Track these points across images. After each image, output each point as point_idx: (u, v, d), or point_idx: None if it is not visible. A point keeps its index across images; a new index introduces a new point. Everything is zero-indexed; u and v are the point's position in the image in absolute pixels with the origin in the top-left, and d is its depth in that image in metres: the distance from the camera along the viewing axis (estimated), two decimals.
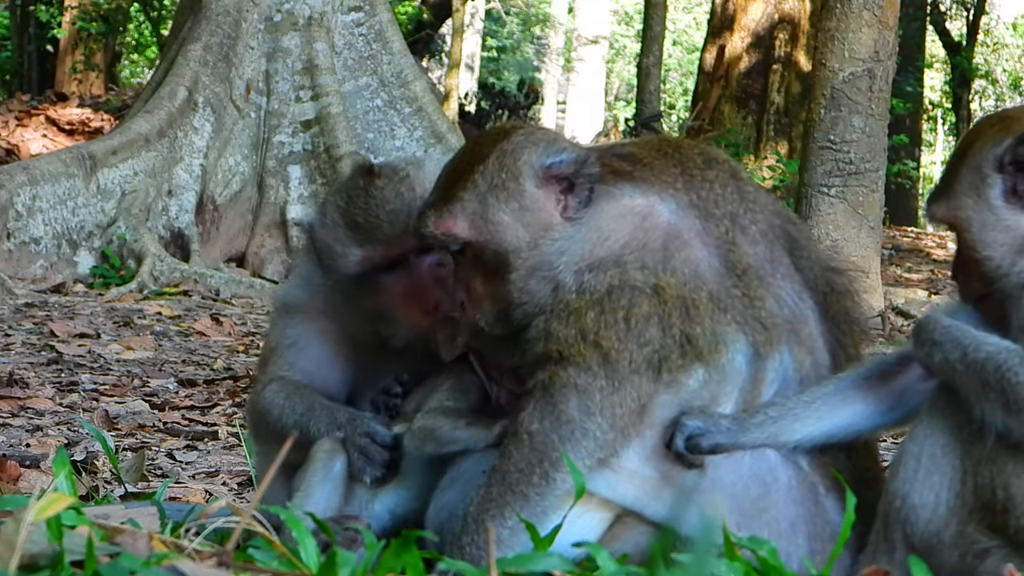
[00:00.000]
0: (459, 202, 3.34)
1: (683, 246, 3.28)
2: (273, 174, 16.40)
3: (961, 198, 3.13)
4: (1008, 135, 3.10)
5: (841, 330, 3.45)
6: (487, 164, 3.35)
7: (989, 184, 3.10)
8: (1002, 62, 38.42)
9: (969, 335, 3.08)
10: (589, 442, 3.20)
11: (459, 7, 25.62)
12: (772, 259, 3.38)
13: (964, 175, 3.13)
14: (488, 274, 3.37)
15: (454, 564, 3.00)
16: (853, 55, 11.81)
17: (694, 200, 3.37)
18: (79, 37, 28.41)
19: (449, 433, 3.42)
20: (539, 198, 3.34)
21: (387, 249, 3.62)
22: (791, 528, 3.25)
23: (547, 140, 3.40)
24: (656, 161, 3.43)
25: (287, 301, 3.87)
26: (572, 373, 3.20)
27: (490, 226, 3.33)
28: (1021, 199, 3.08)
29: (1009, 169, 3.08)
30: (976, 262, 3.13)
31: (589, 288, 3.23)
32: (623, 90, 49.33)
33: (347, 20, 17.02)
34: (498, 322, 3.37)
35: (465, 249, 3.38)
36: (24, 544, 2.44)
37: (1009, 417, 2.99)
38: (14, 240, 14.66)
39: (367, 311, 3.68)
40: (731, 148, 22.62)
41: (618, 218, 3.30)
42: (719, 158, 3.51)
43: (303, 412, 3.64)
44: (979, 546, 3.06)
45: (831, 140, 11.94)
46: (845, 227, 11.92)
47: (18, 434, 6.30)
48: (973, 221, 3.11)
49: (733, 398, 3.28)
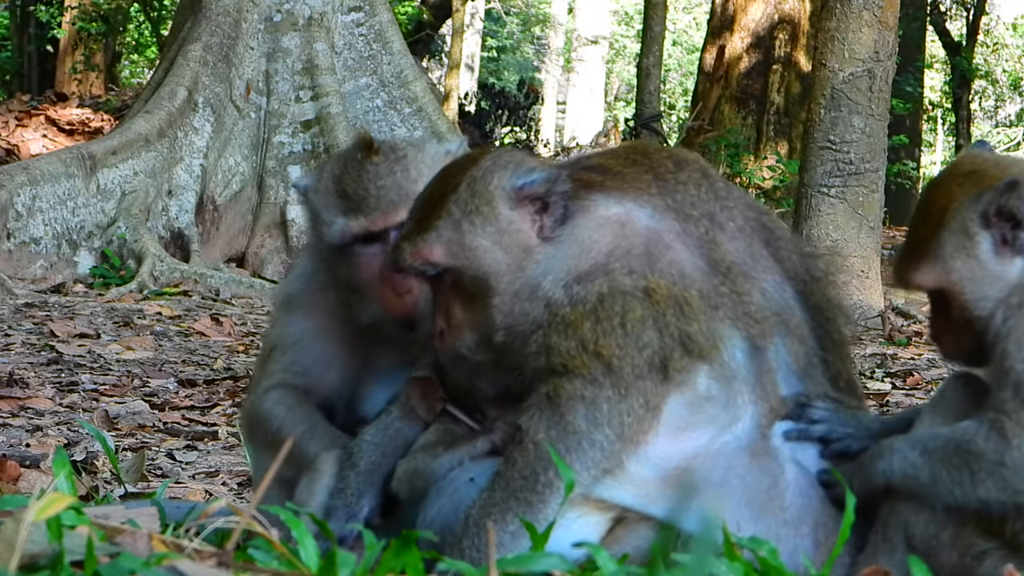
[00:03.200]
0: (435, 230, 3.35)
1: (666, 249, 3.30)
2: (273, 174, 16.40)
3: (949, 262, 3.11)
4: (982, 188, 3.09)
5: (825, 316, 3.46)
6: (459, 192, 3.36)
7: (977, 242, 3.09)
8: (1002, 62, 38.43)
9: (920, 433, 3.14)
10: (595, 452, 3.21)
11: (459, 7, 25.63)
12: (752, 253, 3.40)
13: (947, 238, 3.11)
14: (468, 300, 3.37)
15: (454, 564, 3.00)
16: (853, 55, 11.82)
17: (670, 203, 3.38)
18: (79, 37, 28.41)
19: (433, 465, 3.42)
20: (514, 220, 3.35)
21: (370, 223, 3.62)
22: (798, 518, 3.27)
23: (515, 162, 3.41)
24: (626, 169, 3.43)
25: (288, 296, 3.88)
26: (578, 385, 3.21)
27: (468, 252, 3.34)
28: (1010, 247, 3.09)
29: (995, 221, 3.08)
30: (967, 320, 3.13)
31: (580, 299, 3.24)
32: (623, 90, 49.34)
33: (347, 20, 17.03)
34: (479, 348, 3.37)
35: (443, 276, 3.39)
36: (24, 544, 2.44)
37: (977, 489, 3.03)
38: (14, 240, 14.66)
39: (343, 283, 3.70)
40: (731, 148, 22.63)
41: (597, 229, 3.31)
42: (689, 159, 3.53)
43: (304, 431, 3.65)
44: (977, 548, 3.07)
45: (831, 140, 11.94)
46: (845, 227, 11.92)
47: (18, 434, 6.30)
48: (966, 282, 3.11)
49: (746, 393, 3.29)
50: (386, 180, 3.64)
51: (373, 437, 3.59)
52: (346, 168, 3.68)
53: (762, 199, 21.80)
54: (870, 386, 7.85)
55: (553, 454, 3.17)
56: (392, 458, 3.55)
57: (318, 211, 3.70)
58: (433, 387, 3.57)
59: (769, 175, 22.31)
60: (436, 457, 3.43)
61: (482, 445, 3.39)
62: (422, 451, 3.49)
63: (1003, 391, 3.03)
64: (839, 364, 3.47)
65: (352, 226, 3.63)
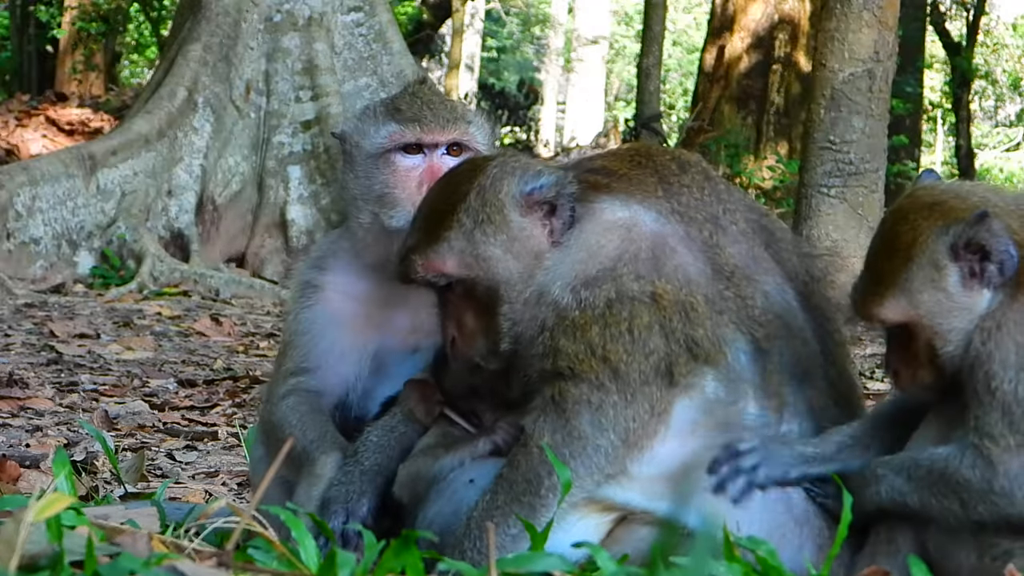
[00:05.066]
0: (446, 241, 3.35)
1: (672, 253, 3.30)
2: (273, 174, 16.40)
3: (917, 295, 3.12)
4: (949, 221, 3.11)
5: (825, 317, 3.48)
6: (469, 200, 3.35)
7: (946, 274, 3.10)
8: (1002, 62, 38.41)
9: (900, 458, 3.15)
10: (600, 457, 3.22)
11: (459, 7, 25.63)
12: (754, 255, 3.41)
13: (915, 272, 3.11)
14: (479, 308, 3.37)
15: (454, 564, 3.00)
16: (853, 55, 11.81)
17: (675, 207, 3.39)
18: (79, 37, 28.39)
19: (434, 467, 3.42)
20: (525, 226, 3.35)
21: (424, 132, 3.79)
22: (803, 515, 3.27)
23: (522, 167, 3.40)
24: (632, 172, 3.44)
25: (303, 281, 3.93)
26: (584, 390, 3.21)
27: (481, 262, 3.33)
28: (978, 279, 3.10)
29: (964, 254, 3.09)
30: (931, 353, 3.14)
31: (589, 304, 3.24)
32: (623, 90, 49.32)
33: (347, 20, 17.03)
34: (491, 355, 3.38)
35: (454, 286, 3.38)
36: (24, 544, 2.44)
37: (970, 514, 3.04)
38: (14, 240, 14.66)
39: (371, 192, 3.82)
40: (731, 148, 22.63)
41: (604, 233, 3.31)
42: (691, 161, 3.53)
43: (313, 439, 3.67)
44: (999, 548, 3.06)
45: (831, 140, 11.94)
46: (845, 227, 11.92)
47: (18, 434, 6.30)
48: (934, 315, 3.12)
49: (751, 393, 3.30)
50: (437, 105, 3.85)
51: (378, 438, 3.61)
52: (398, 96, 3.91)
53: (762, 199, 21.80)
54: (870, 386, 7.84)
55: (555, 459, 3.17)
56: (395, 461, 3.56)
57: (363, 128, 3.87)
58: (431, 390, 3.57)
59: (769, 175, 22.31)
60: (437, 459, 3.43)
61: (484, 446, 3.39)
62: (423, 454, 3.49)
63: (988, 415, 3.02)
64: (839, 365, 3.47)
65: (406, 133, 3.80)
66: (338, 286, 3.87)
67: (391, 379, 3.77)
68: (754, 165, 22.74)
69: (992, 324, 3.06)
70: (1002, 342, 3.04)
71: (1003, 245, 3.07)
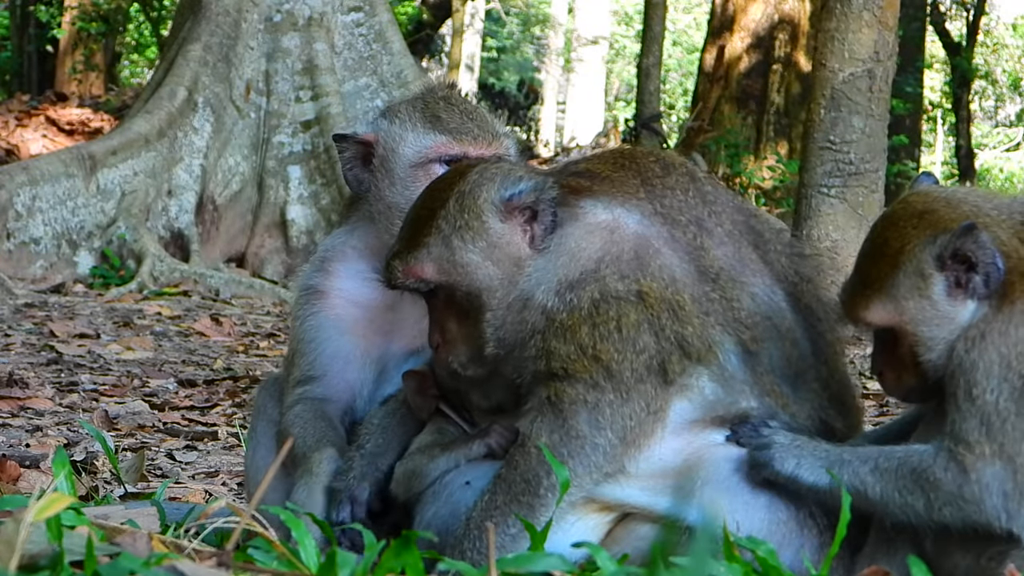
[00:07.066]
0: (424, 248, 3.36)
1: (656, 253, 3.30)
2: (273, 174, 16.41)
3: (902, 302, 3.14)
4: (936, 231, 3.13)
5: (817, 317, 3.47)
6: (448, 207, 3.36)
7: (931, 283, 3.12)
8: (1002, 62, 38.44)
9: (870, 450, 3.15)
10: (598, 456, 3.22)
11: (459, 7, 25.64)
12: (741, 257, 3.41)
13: (901, 279, 3.14)
14: (462, 314, 3.38)
15: (454, 564, 3.01)
16: (853, 55, 11.82)
17: (658, 208, 3.38)
18: (79, 37, 28.42)
19: (430, 466, 3.43)
20: (505, 232, 3.35)
21: (463, 146, 3.79)
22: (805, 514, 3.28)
23: (502, 173, 3.40)
24: (614, 174, 3.43)
25: (308, 286, 3.92)
26: (580, 389, 3.21)
27: (459, 268, 3.34)
28: (963, 290, 3.11)
29: (950, 264, 3.11)
30: (915, 358, 3.16)
31: (575, 305, 3.24)
32: (623, 90, 49.34)
33: (347, 20, 17.03)
34: (471, 363, 3.39)
35: (436, 292, 3.40)
36: (24, 544, 2.44)
37: (932, 516, 3.05)
38: (14, 240, 14.66)
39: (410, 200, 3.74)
40: (731, 148, 22.64)
41: (586, 236, 3.31)
42: (676, 163, 3.53)
43: (311, 441, 3.70)
44: (994, 548, 3.06)
45: (831, 140, 11.94)
46: (845, 227, 11.92)
47: (18, 434, 6.30)
48: (918, 322, 3.14)
49: (748, 391, 3.30)
50: (472, 111, 3.86)
51: (381, 420, 3.64)
52: (431, 101, 3.89)
53: (762, 199, 21.82)
54: (870, 386, 7.83)
55: (552, 458, 3.17)
56: (398, 441, 3.58)
57: (399, 135, 3.84)
58: (427, 382, 3.58)
59: (769, 175, 22.31)
60: (433, 459, 3.44)
61: (478, 448, 3.39)
62: (419, 453, 3.50)
63: (967, 421, 3.03)
64: (832, 364, 3.47)
65: (452, 146, 3.80)
66: (343, 291, 3.87)
67: (397, 384, 3.77)
68: (754, 165, 22.74)
69: (976, 333, 3.08)
70: (986, 351, 3.05)
71: (989, 257, 3.08)
